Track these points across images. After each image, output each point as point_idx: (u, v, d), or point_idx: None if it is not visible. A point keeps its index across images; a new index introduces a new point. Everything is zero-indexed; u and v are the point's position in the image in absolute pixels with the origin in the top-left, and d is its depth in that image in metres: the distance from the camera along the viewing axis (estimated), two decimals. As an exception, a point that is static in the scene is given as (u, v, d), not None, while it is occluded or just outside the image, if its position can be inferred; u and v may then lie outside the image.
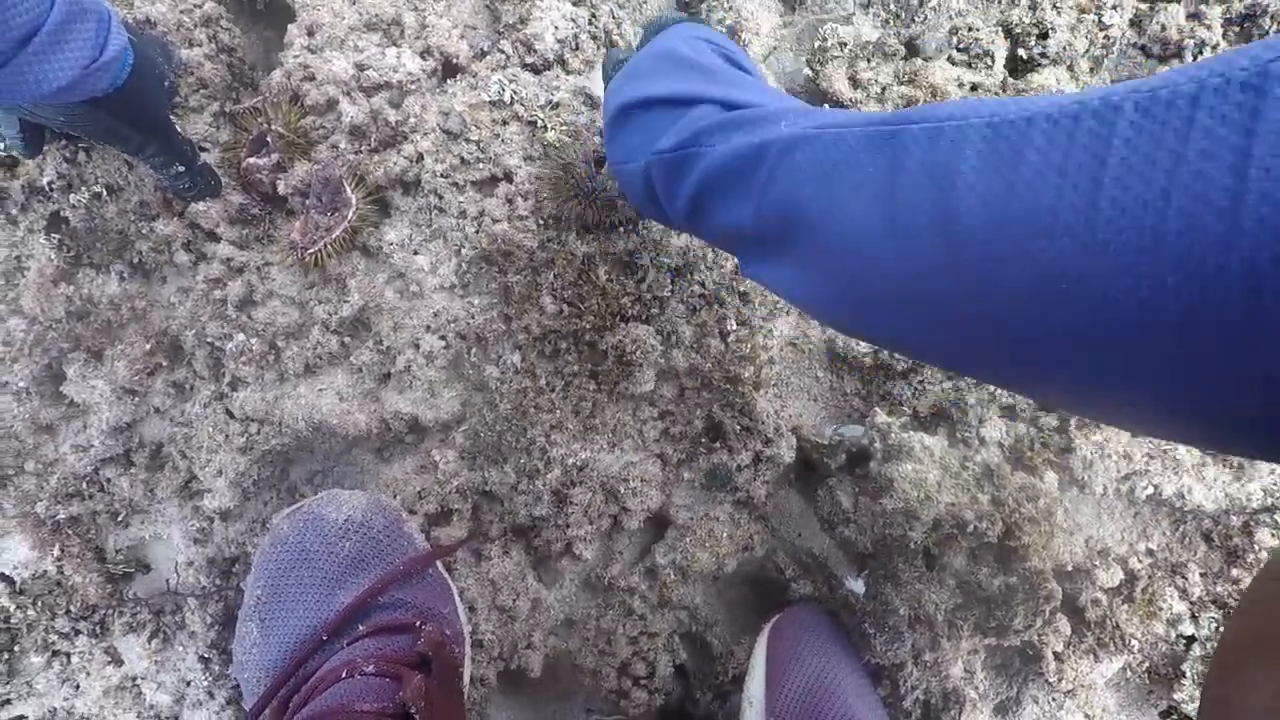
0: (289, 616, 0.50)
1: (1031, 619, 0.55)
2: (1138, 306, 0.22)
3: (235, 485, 0.57)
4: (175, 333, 0.58)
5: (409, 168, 0.58)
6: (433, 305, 0.58)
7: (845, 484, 0.59)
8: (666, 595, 0.60)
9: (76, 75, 0.43)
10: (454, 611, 0.53)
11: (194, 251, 0.59)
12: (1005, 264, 0.24)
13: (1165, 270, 0.21)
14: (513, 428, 0.58)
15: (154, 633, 0.59)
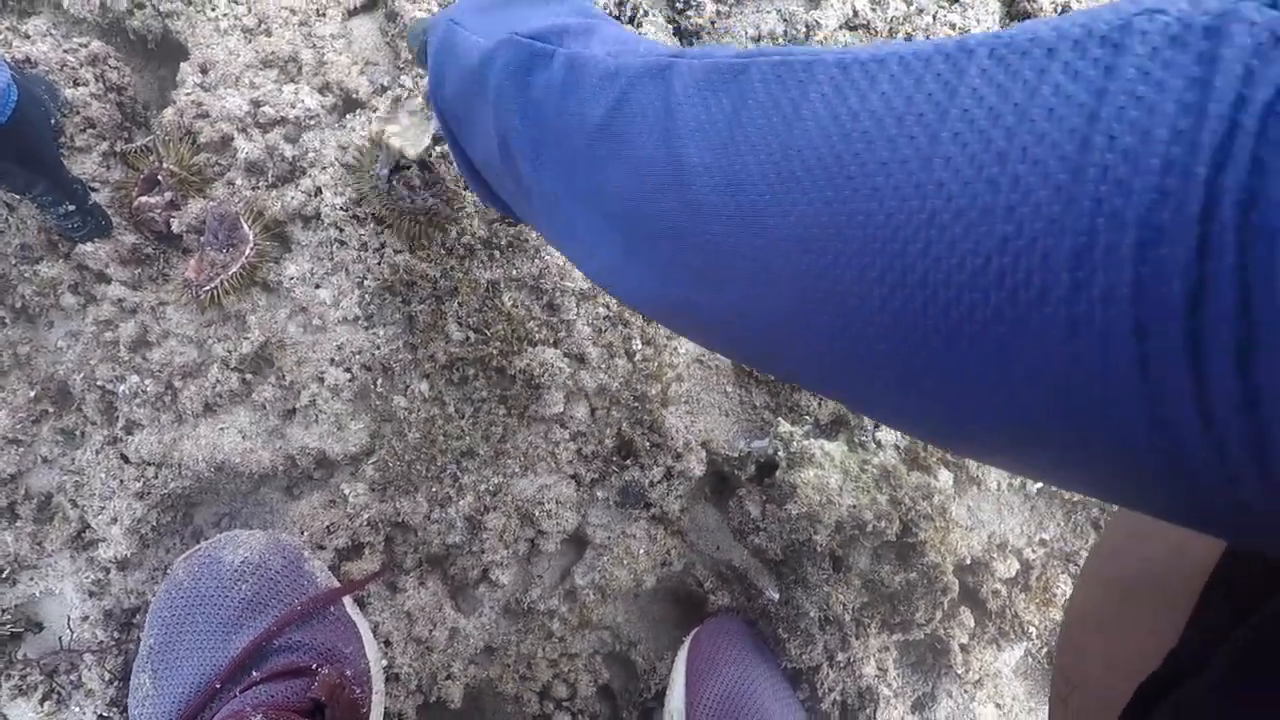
0: (183, 665, 0.48)
1: (932, 611, 0.58)
2: (956, 288, 0.19)
3: (132, 532, 0.55)
4: (63, 377, 0.56)
5: (307, 202, 0.58)
6: (336, 338, 0.58)
7: (754, 494, 0.61)
8: (587, 616, 0.61)
9: None
10: (359, 650, 0.52)
11: (82, 294, 0.57)
12: (833, 211, 0.22)
13: (991, 249, 0.18)
14: (423, 456, 0.58)
15: (47, 694, 0.56)
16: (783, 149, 0.24)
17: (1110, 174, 0.16)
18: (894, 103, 0.22)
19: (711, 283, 0.28)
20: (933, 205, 0.20)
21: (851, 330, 0.23)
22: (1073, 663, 0.34)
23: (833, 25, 0.71)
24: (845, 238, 0.22)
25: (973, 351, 0.20)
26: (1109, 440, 0.18)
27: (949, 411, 0.22)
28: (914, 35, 0.71)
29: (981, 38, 0.21)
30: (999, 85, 0.19)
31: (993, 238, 0.18)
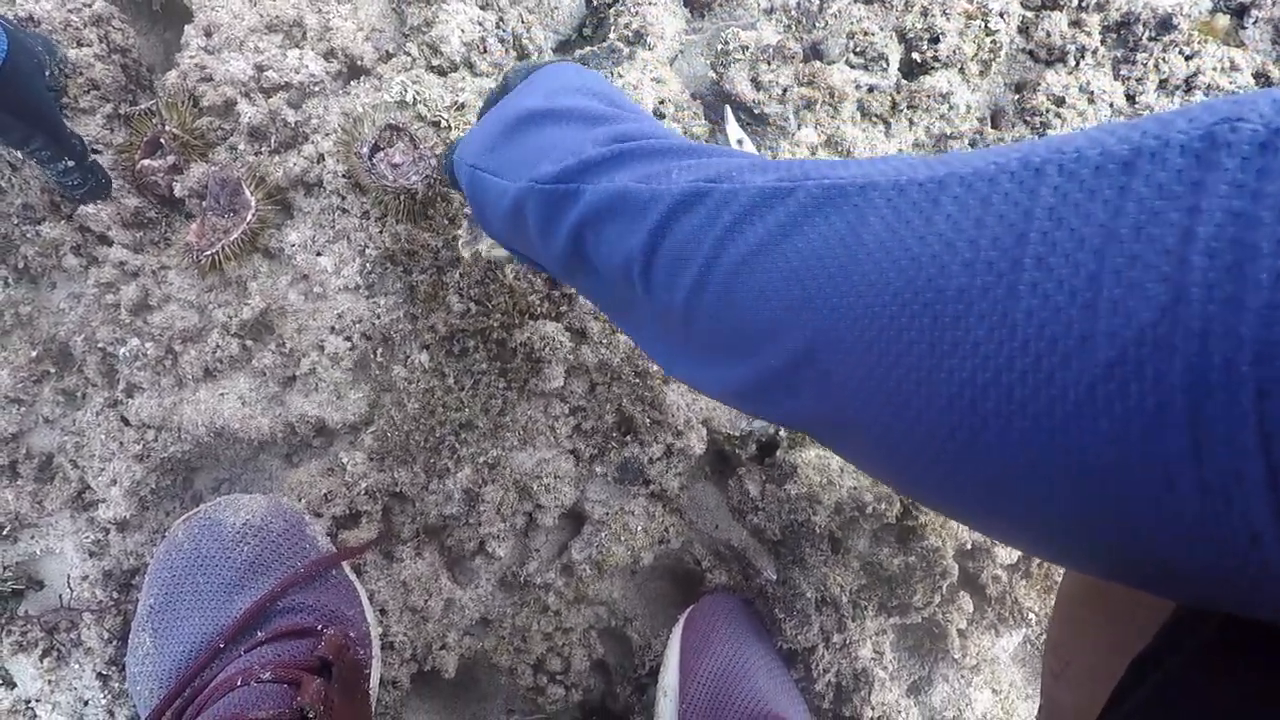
0: (184, 625, 0.48)
1: (930, 595, 0.57)
2: (1063, 421, 0.18)
3: (131, 494, 0.56)
4: (64, 339, 0.56)
5: (310, 168, 0.58)
6: (337, 306, 0.58)
7: (754, 473, 0.61)
8: (583, 591, 0.61)
9: None
10: (360, 614, 0.52)
11: (84, 256, 0.57)
12: (909, 342, 0.21)
13: (1096, 377, 0.17)
14: (421, 427, 0.58)
15: (47, 651, 0.57)
16: (844, 274, 0.24)
17: (1216, 292, 0.16)
18: (963, 226, 0.21)
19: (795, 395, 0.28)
20: (1025, 334, 0.19)
21: (941, 457, 0.22)
22: (1065, 640, 0.34)
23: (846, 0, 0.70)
24: (916, 362, 0.21)
25: (1073, 477, 0.19)
26: (1210, 553, 0.17)
27: (1037, 535, 0.21)
28: (931, 10, 0.69)
29: (1045, 152, 0.20)
30: (1077, 205, 0.18)
31: (1097, 365, 0.17)
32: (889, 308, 0.22)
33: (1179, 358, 0.16)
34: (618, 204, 0.32)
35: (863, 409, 0.24)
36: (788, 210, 0.26)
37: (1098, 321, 0.17)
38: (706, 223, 0.28)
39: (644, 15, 0.67)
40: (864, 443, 0.26)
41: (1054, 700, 0.38)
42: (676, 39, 0.70)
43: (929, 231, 0.21)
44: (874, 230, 0.23)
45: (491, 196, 0.40)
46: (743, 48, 0.67)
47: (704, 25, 0.72)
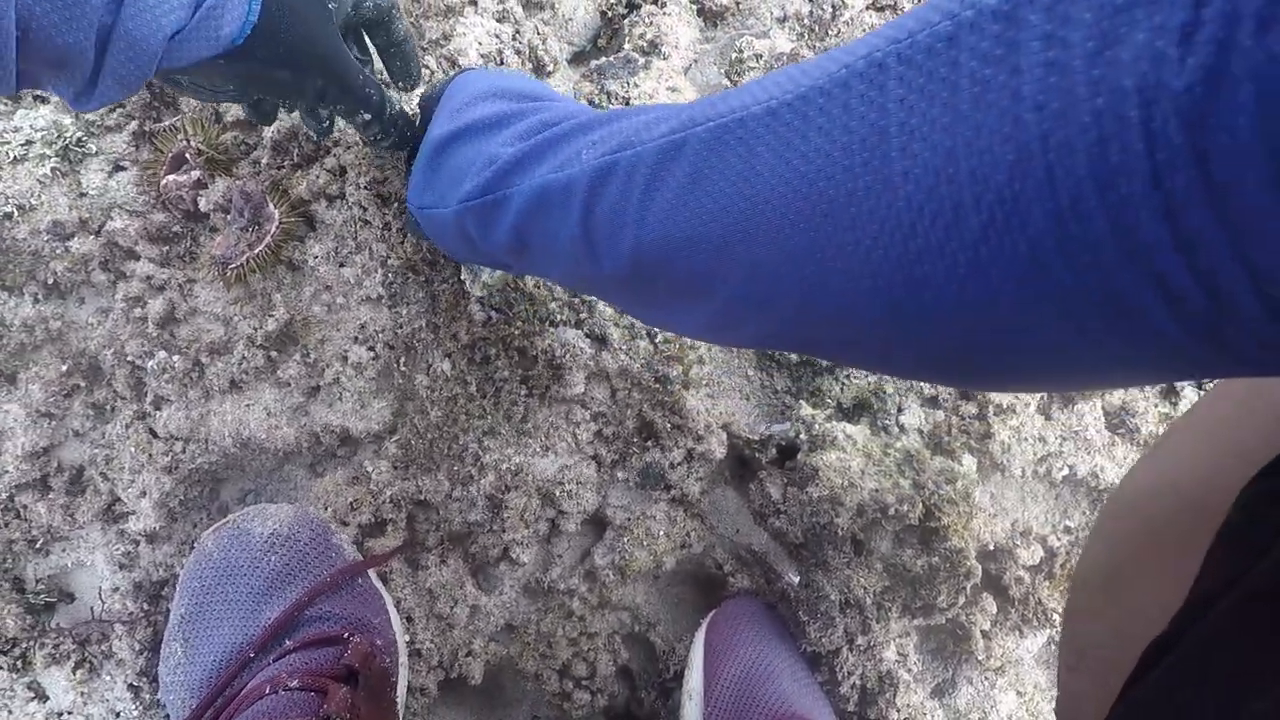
0: (214, 634, 0.49)
1: (954, 596, 0.57)
2: (961, 283, 0.21)
3: (161, 506, 0.56)
4: (94, 353, 0.57)
5: (331, 181, 0.59)
6: (360, 316, 0.59)
7: (775, 477, 0.61)
8: (607, 596, 0.61)
9: (184, 19, 0.34)
10: (386, 622, 0.53)
11: (112, 270, 0.58)
12: (821, 245, 0.24)
13: (976, 240, 0.20)
14: (444, 435, 0.59)
15: (79, 663, 0.57)
16: (750, 204, 0.26)
17: (1051, 140, 0.17)
18: (835, 136, 0.23)
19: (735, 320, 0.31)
20: (909, 219, 0.21)
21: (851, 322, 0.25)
22: (1080, 630, 0.34)
23: (859, 5, 0.70)
24: (838, 264, 0.24)
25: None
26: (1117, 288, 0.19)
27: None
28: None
29: (885, 44, 0.22)
30: (921, 89, 0.20)
31: (972, 230, 0.19)
32: (797, 225, 0.24)
33: (1035, 206, 0.18)
34: (543, 197, 0.34)
35: (802, 313, 0.27)
36: (688, 160, 0.28)
37: (963, 191, 0.19)
38: (623, 191, 0.31)
39: (658, 25, 0.68)
40: (821, 339, 0.29)
41: (1070, 691, 0.38)
42: (691, 48, 0.70)
43: (808, 148, 0.23)
44: (764, 159, 0.25)
45: (438, 227, 0.43)
46: (756, 56, 0.68)
47: (717, 34, 0.73)
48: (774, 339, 0.31)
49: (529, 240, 0.37)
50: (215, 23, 0.36)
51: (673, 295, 0.32)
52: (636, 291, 0.35)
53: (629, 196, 0.30)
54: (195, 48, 0.36)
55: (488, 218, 0.38)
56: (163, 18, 0.34)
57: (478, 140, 0.39)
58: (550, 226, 0.35)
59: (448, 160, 0.41)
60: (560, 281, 0.42)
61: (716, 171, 0.27)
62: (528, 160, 0.35)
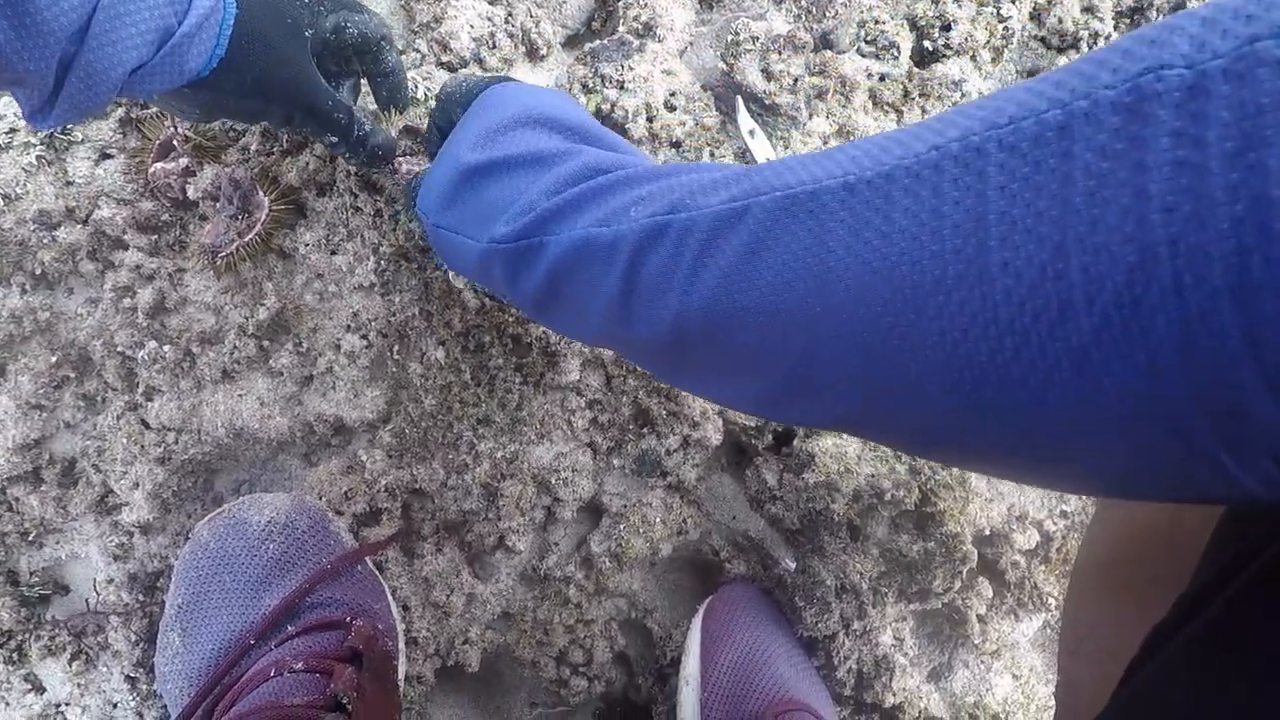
0: (212, 623, 0.49)
1: (950, 581, 0.57)
2: (1060, 389, 0.19)
3: (154, 497, 0.56)
4: (83, 344, 0.57)
5: (322, 168, 0.58)
6: (352, 305, 0.58)
7: (771, 463, 0.61)
8: (603, 583, 0.61)
9: (146, 55, 0.34)
10: (386, 607, 0.53)
11: (101, 260, 0.58)
12: (899, 339, 0.22)
13: (1086, 343, 0.18)
14: (439, 424, 0.58)
15: (75, 655, 0.57)
16: (815, 280, 0.24)
17: (1182, 245, 0.16)
18: (923, 220, 0.21)
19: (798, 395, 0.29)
20: (1007, 314, 0.19)
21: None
22: (1081, 617, 0.34)
23: (855, -14, 0.69)
24: (916, 352, 0.22)
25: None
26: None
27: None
28: (947, 10, 0.69)
29: (983, 128, 0.20)
30: (1026, 179, 0.19)
31: (1083, 332, 0.18)
32: (871, 309, 0.23)
33: (1159, 314, 0.16)
34: (583, 251, 0.33)
35: (867, 398, 0.25)
36: (748, 229, 0.26)
37: (1074, 291, 0.18)
38: (673, 256, 0.29)
39: (653, 7, 0.67)
40: (880, 432, 0.27)
41: (1070, 677, 0.38)
42: (686, 31, 0.70)
43: (891, 229, 0.22)
44: (837, 236, 0.24)
45: (457, 251, 0.41)
46: (753, 38, 0.67)
47: (713, 16, 0.72)
48: (830, 422, 0.29)
49: (562, 291, 0.35)
50: (179, 58, 0.35)
51: (712, 368, 0.31)
52: (671, 360, 0.33)
53: (679, 260, 0.29)
54: (158, 81, 0.36)
55: (518, 263, 0.36)
56: (125, 53, 0.33)
57: (515, 178, 0.37)
58: (587, 281, 0.33)
59: (478, 192, 0.39)
60: (584, 338, 0.40)
61: (781, 244, 0.25)
62: (569, 210, 0.34)
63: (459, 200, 0.40)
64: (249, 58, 0.39)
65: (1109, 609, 0.32)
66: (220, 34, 0.37)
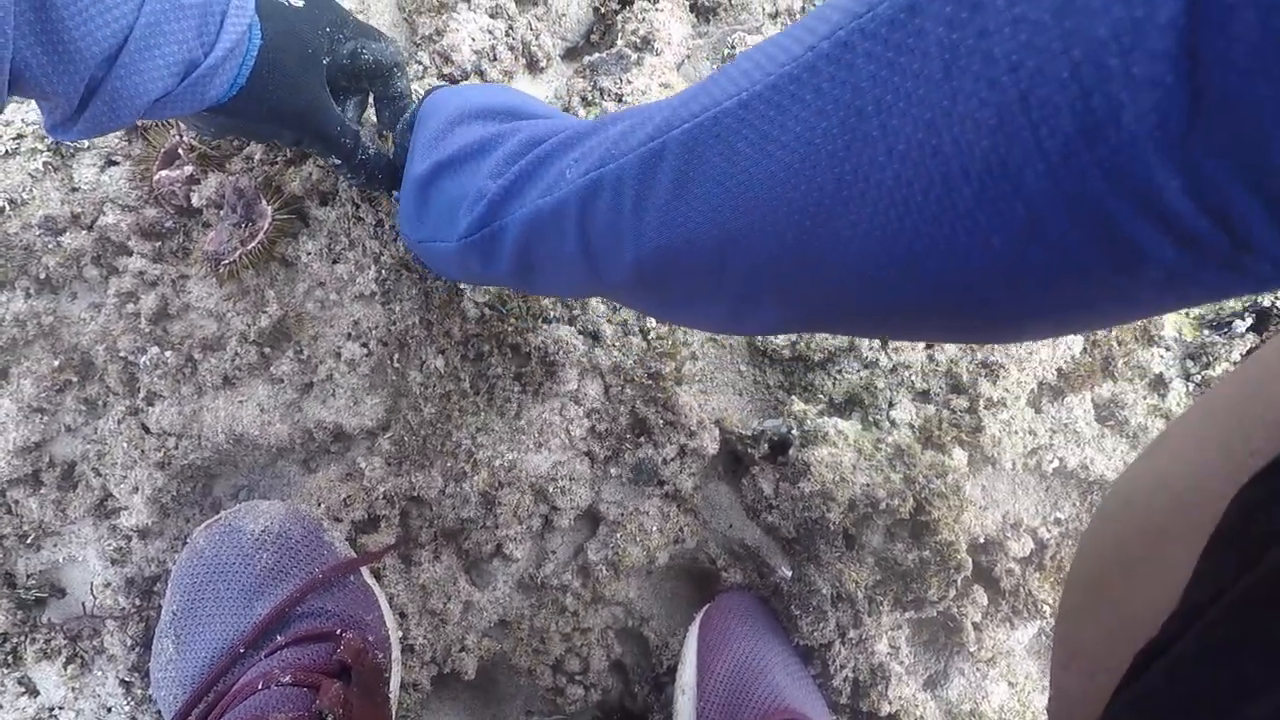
0: (205, 630, 0.49)
1: (945, 589, 0.58)
2: (962, 250, 0.20)
3: (153, 501, 0.56)
4: (86, 348, 0.57)
5: (325, 178, 0.59)
6: (353, 313, 0.59)
7: (767, 472, 0.61)
8: (600, 591, 0.61)
9: (170, 86, 0.35)
10: (378, 618, 0.53)
11: (104, 266, 0.58)
12: (815, 233, 0.23)
13: (970, 210, 0.19)
14: (438, 432, 0.59)
15: (70, 658, 0.57)
16: (739, 200, 0.26)
17: (1032, 99, 0.17)
18: (811, 122, 0.22)
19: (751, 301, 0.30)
20: (901, 196, 0.21)
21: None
22: (1073, 630, 0.34)
23: None
24: (838, 248, 0.23)
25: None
26: None
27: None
28: None
29: (847, 19, 0.21)
30: (890, 63, 0.20)
31: (965, 200, 0.19)
32: (790, 216, 0.24)
33: (1026, 168, 0.18)
34: (536, 223, 0.35)
35: (812, 297, 0.27)
36: (670, 165, 0.28)
37: (950, 162, 0.19)
38: (613, 205, 0.31)
39: (651, 21, 0.68)
40: (836, 318, 0.29)
41: (1063, 690, 0.39)
42: (683, 44, 0.71)
43: (788, 137, 0.23)
44: (744, 154, 0.25)
45: (438, 259, 0.43)
46: (748, 52, 0.68)
47: (710, 30, 0.73)
48: (793, 324, 0.31)
49: (533, 262, 0.37)
50: (202, 88, 0.37)
51: (684, 297, 0.32)
52: (648, 297, 0.35)
53: (620, 209, 0.30)
54: (179, 108, 0.37)
55: (488, 249, 0.38)
56: (151, 83, 0.35)
57: (462, 172, 0.39)
58: (550, 250, 0.35)
59: (436, 195, 0.41)
60: (572, 294, 0.42)
61: (700, 173, 0.27)
62: (516, 188, 0.36)
63: (424, 211, 0.42)
64: (268, 86, 0.40)
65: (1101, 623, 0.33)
66: (243, 65, 0.38)
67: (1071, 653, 0.34)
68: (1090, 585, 0.34)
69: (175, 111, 0.37)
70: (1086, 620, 0.34)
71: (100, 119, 0.35)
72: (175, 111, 0.37)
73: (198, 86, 0.36)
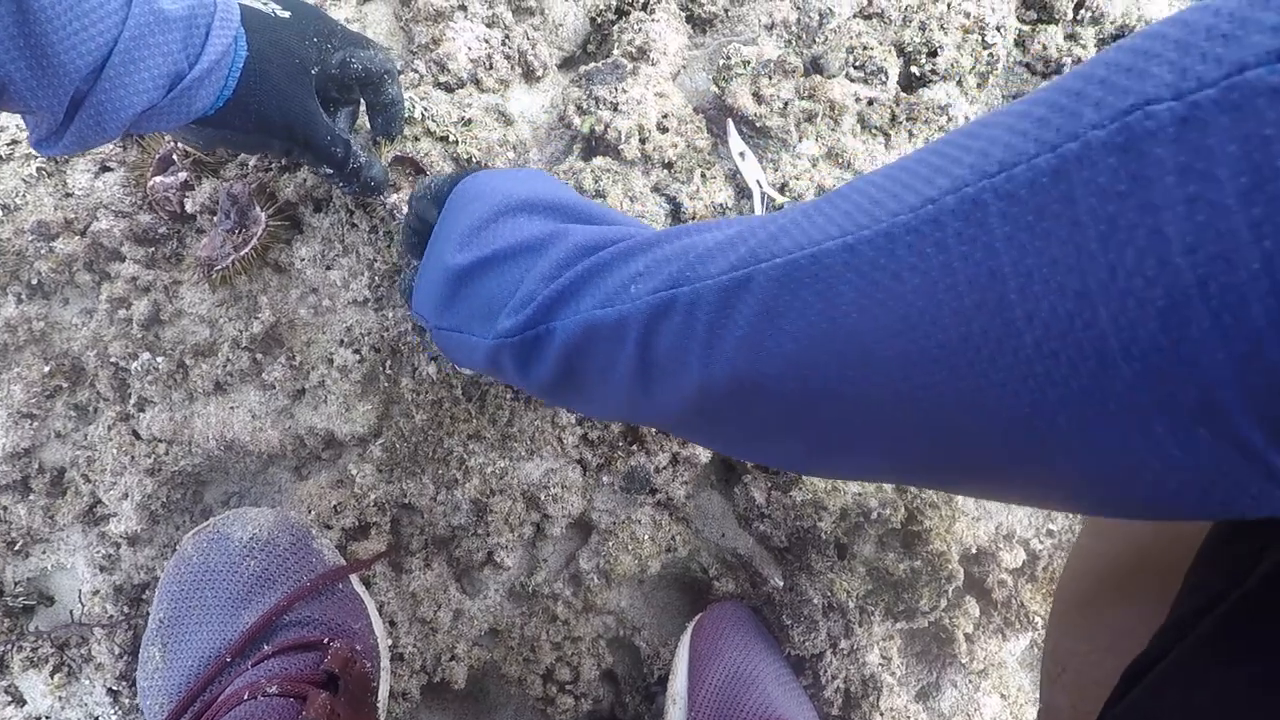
0: (192, 639, 0.49)
1: (936, 599, 0.58)
2: (1105, 435, 0.18)
3: (143, 508, 0.56)
4: (77, 354, 0.57)
5: (318, 185, 0.59)
6: (346, 320, 0.59)
7: (759, 481, 0.61)
8: (591, 600, 0.61)
9: (156, 98, 0.35)
10: (367, 627, 0.52)
11: (97, 271, 0.58)
12: (942, 398, 0.21)
13: (1127, 388, 0.17)
14: (429, 439, 0.58)
15: (57, 667, 0.57)
16: (837, 344, 0.24)
17: (1213, 285, 0.15)
18: (935, 278, 0.20)
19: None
20: (1041, 367, 0.18)
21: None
22: (1062, 644, 0.34)
23: (846, 14, 0.71)
24: (955, 404, 0.21)
25: None
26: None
27: None
28: (928, 25, 0.71)
29: (974, 178, 0.20)
30: (1031, 227, 0.18)
31: (1123, 380, 0.17)
32: (900, 371, 0.22)
33: (1203, 355, 0.16)
34: (591, 335, 0.33)
35: (913, 448, 0.24)
36: (756, 299, 0.26)
37: (1107, 339, 0.17)
38: (684, 331, 0.29)
39: (647, 32, 0.69)
40: (930, 472, 0.26)
41: (1052, 704, 0.38)
42: (679, 54, 0.71)
43: (903, 289, 0.21)
44: (848, 299, 0.23)
45: (464, 349, 0.40)
46: (744, 62, 0.69)
47: (706, 41, 0.73)
48: (887, 473, 0.28)
49: (576, 375, 0.35)
50: (188, 100, 0.37)
51: (751, 434, 0.30)
52: (704, 426, 0.33)
53: (692, 334, 0.28)
54: (165, 121, 0.37)
55: (528, 354, 0.36)
56: (136, 95, 0.34)
57: (508, 270, 0.37)
58: (600, 363, 0.33)
59: (474, 290, 0.39)
60: (607, 415, 0.40)
61: (794, 310, 0.25)
62: (569, 294, 0.34)
63: (456, 302, 0.40)
64: (255, 97, 0.40)
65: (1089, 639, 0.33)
66: (229, 77, 0.38)
67: (1061, 666, 0.34)
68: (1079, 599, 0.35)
69: (162, 124, 0.37)
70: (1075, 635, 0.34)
71: (86, 133, 0.35)
72: (162, 124, 0.37)
73: (184, 98, 0.36)
